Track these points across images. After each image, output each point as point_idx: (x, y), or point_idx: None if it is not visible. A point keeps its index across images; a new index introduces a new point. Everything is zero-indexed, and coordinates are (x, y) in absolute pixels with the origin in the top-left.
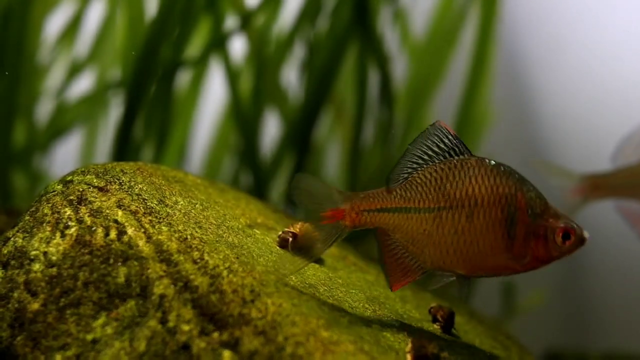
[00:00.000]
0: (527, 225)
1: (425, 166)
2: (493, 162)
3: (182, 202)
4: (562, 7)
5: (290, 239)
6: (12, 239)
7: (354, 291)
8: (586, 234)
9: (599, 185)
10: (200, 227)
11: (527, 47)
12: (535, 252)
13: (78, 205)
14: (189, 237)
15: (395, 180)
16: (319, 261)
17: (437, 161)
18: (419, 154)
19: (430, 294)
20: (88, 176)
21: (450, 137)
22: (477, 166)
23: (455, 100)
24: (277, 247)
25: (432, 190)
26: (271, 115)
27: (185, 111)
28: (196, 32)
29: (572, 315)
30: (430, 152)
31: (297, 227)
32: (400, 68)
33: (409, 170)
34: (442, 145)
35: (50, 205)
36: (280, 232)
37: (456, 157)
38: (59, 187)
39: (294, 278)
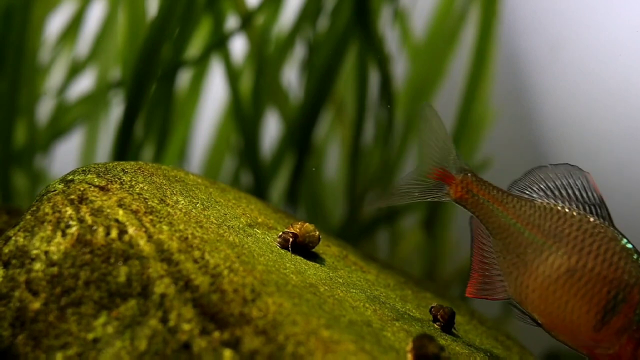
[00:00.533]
0: (627, 322)
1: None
2: (630, 245)
3: (183, 202)
4: (562, 7)
5: (291, 239)
6: (13, 238)
7: (354, 291)
8: None
9: None
10: (201, 227)
11: (527, 47)
12: (622, 351)
13: (79, 205)
14: (189, 236)
15: (516, 188)
16: (320, 261)
17: (574, 205)
18: (550, 185)
19: (431, 293)
20: (89, 175)
21: (594, 194)
22: (609, 236)
23: (455, 100)
24: (278, 247)
25: (548, 224)
26: (271, 115)
27: (186, 111)
28: (196, 32)
29: None
30: (563, 192)
31: (297, 227)
32: (400, 68)
33: (534, 190)
34: (578, 195)
35: (51, 204)
36: (280, 232)
37: (594, 216)
38: (60, 186)
39: (294, 277)
